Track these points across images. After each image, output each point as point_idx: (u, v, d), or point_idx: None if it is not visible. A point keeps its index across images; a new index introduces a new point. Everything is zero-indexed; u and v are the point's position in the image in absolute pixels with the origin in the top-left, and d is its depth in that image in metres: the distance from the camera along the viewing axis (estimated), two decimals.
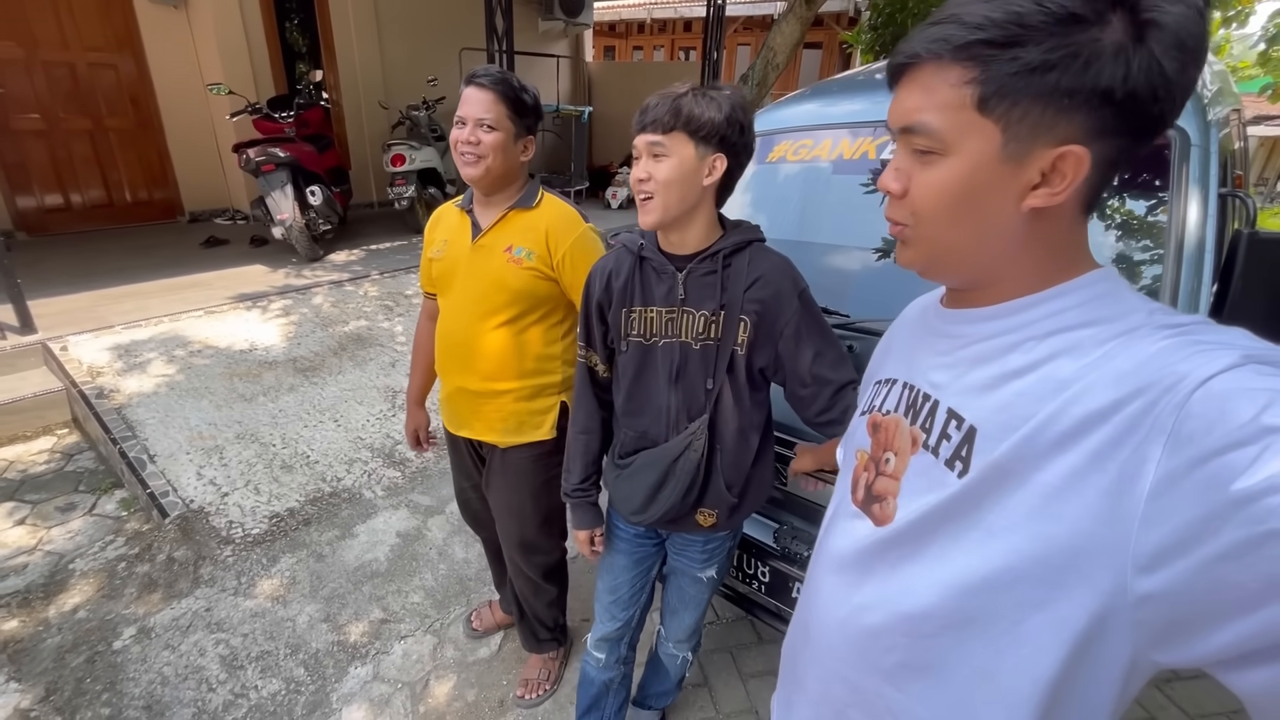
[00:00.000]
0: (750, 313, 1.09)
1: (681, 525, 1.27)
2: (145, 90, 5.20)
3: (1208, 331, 0.46)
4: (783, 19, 4.29)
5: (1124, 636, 0.46)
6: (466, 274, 1.44)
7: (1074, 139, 0.48)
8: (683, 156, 1.02)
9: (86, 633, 1.92)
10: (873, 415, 0.69)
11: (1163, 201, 1.30)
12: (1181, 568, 0.40)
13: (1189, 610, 0.41)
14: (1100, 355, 0.48)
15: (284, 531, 2.35)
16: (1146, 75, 0.45)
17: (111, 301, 3.62)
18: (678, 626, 1.46)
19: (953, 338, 0.61)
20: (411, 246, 5.29)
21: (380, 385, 3.27)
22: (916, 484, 0.59)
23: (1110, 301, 0.52)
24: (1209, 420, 0.40)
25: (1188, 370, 0.42)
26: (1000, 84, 0.47)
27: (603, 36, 12.68)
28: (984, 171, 0.50)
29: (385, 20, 6.39)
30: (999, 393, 0.53)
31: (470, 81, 1.33)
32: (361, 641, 1.96)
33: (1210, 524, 0.38)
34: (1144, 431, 0.43)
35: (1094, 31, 0.45)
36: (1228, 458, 0.38)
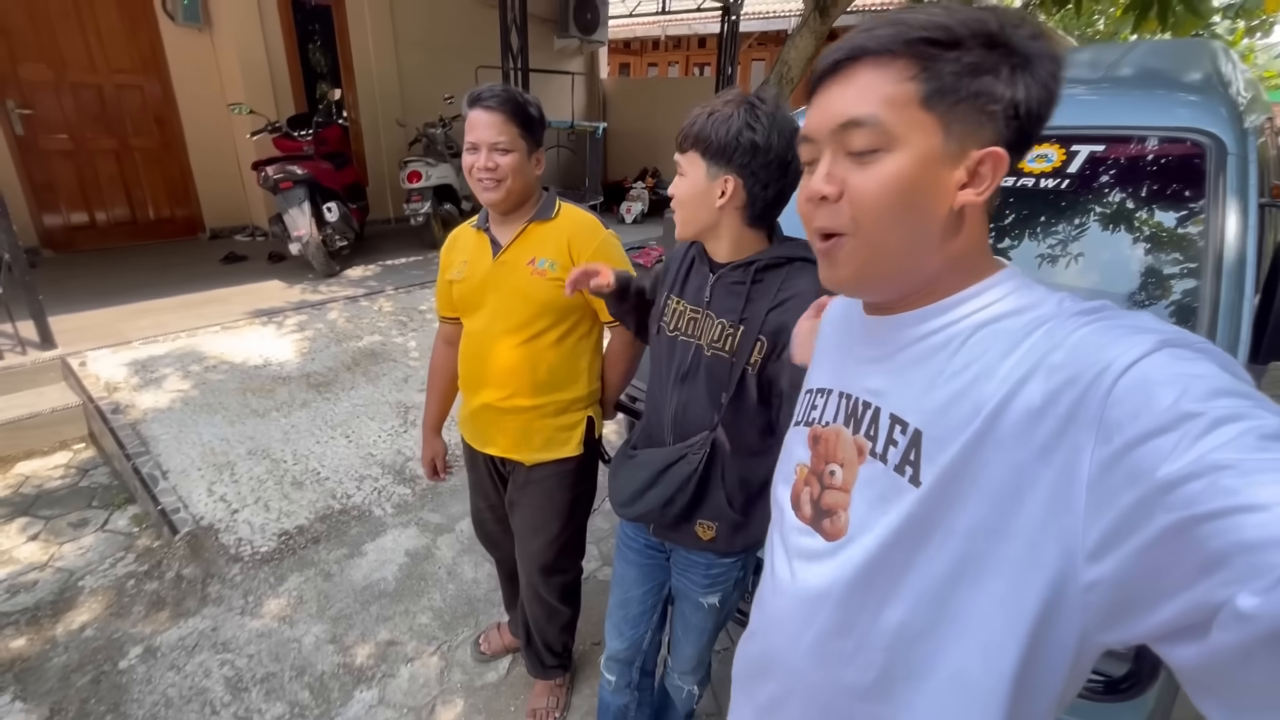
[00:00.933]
0: (768, 333, 1.05)
1: (680, 536, 1.23)
2: (169, 110, 5.31)
3: (1119, 316, 0.49)
4: (797, 33, 4.28)
5: (1073, 621, 0.47)
6: (490, 291, 1.42)
7: (996, 143, 0.52)
8: (694, 177, 1.00)
9: (93, 652, 1.90)
10: (813, 428, 0.68)
11: (1198, 213, 1.24)
12: (1122, 554, 0.41)
13: (1129, 593, 0.42)
14: (1027, 347, 0.50)
15: (292, 549, 2.33)
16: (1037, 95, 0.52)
17: (131, 317, 3.67)
18: (681, 656, 1.40)
19: (884, 343, 0.62)
20: (426, 262, 5.32)
21: (392, 401, 3.26)
22: (867, 493, 0.59)
23: (1024, 293, 0.55)
24: (1133, 407, 0.41)
25: (1110, 358, 0.44)
26: (942, 81, 0.51)
27: (617, 53, 12.80)
28: (927, 167, 0.52)
29: (403, 40, 6.50)
30: (938, 393, 0.55)
31: (476, 104, 1.30)
32: (368, 664, 1.92)
33: (1141, 510, 0.40)
34: (1078, 422, 0.45)
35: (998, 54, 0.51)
36: (1151, 444, 0.39)
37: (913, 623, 0.55)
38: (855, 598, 0.59)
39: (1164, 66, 1.51)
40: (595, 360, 1.50)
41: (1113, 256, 1.36)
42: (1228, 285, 1.14)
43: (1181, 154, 1.28)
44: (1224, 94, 1.32)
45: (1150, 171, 1.33)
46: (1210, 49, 1.64)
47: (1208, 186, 1.21)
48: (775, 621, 0.69)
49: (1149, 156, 1.34)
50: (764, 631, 0.72)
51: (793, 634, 0.65)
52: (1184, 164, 1.27)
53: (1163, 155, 1.32)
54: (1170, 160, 1.31)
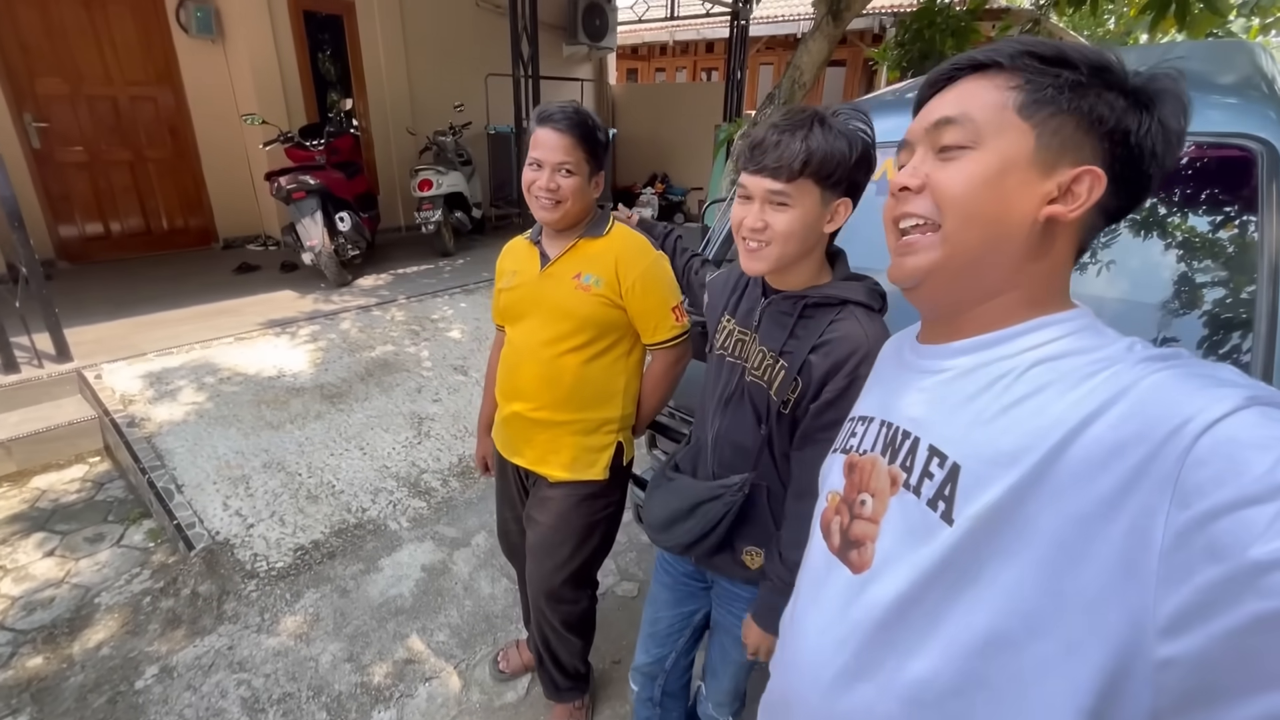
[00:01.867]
0: (805, 373, 0.98)
1: (722, 564, 1.18)
2: (183, 121, 5.34)
3: (1197, 365, 0.45)
4: (809, 37, 4.23)
5: (1142, 701, 0.42)
6: (534, 302, 1.42)
7: (1094, 163, 0.51)
8: (806, 207, 0.91)
9: (109, 671, 1.88)
10: (849, 456, 0.65)
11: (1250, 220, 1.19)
12: (1204, 634, 0.37)
13: (1212, 678, 0.37)
14: (1090, 388, 0.46)
15: (308, 565, 2.30)
16: (1153, 131, 0.51)
17: (145, 329, 3.67)
18: (717, 689, 1.36)
19: (931, 373, 0.60)
20: (438, 271, 5.32)
21: (406, 411, 3.24)
22: (897, 527, 0.56)
23: (1091, 335, 0.52)
24: (1218, 471, 0.37)
25: (1191, 412, 0.40)
26: (1042, 93, 0.51)
27: (625, 59, 12.82)
28: (1014, 169, 0.52)
29: (413, 49, 6.52)
30: (984, 428, 0.52)
31: (545, 123, 1.29)
32: (385, 683, 1.88)
33: (1229, 591, 0.35)
34: (1149, 481, 0.40)
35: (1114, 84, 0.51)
36: (1240, 516, 0.35)
37: (940, 679, 0.51)
38: (880, 639, 0.55)
39: (1205, 69, 1.46)
40: (633, 383, 1.47)
41: (1161, 267, 1.31)
42: None
43: (1231, 159, 1.23)
44: (1271, 96, 1.27)
45: (1199, 179, 1.29)
46: (1250, 50, 1.59)
47: (1260, 192, 1.16)
48: (796, 657, 0.65)
49: (1197, 163, 1.29)
50: (786, 667, 0.68)
51: (813, 673, 0.62)
52: (1234, 170, 1.22)
53: (1211, 161, 1.27)
54: (1219, 166, 1.26)
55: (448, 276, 5.14)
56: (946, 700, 0.51)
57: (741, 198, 0.96)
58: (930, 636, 0.52)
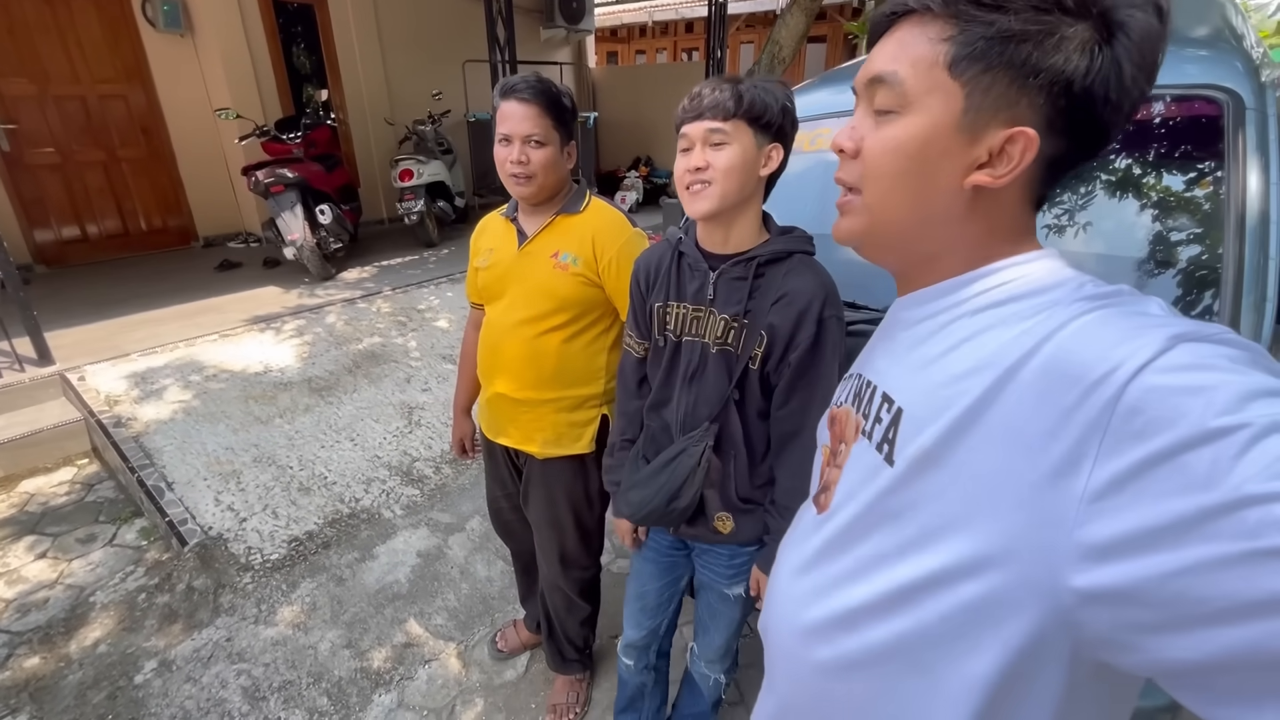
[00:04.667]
0: (768, 327, 1.03)
1: (699, 532, 1.22)
2: (156, 119, 5.25)
3: (1128, 302, 0.45)
4: (787, 12, 4.21)
5: (1064, 637, 0.43)
6: (512, 281, 1.41)
7: (1028, 122, 0.47)
8: (744, 144, 0.98)
9: (108, 668, 1.88)
10: (832, 409, 0.69)
11: (1216, 172, 1.20)
12: (1133, 569, 0.37)
13: (1142, 615, 0.38)
14: (1023, 331, 0.46)
15: (303, 555, 2.31)
16: (1104, 74, 0.45)
17: (128, 330, 3.63)
18: (708, 645, 1.40)
19: (895, 323, 0.61)
20: (422, 261, 5.28)
21: (396, 402, 3.24)
22: (851, 469, 0.59)
23: (1043, 276, 0.50)
24: (1153, 418, 0.37)
25: (1119, 358, 0.39)
26: (974, 46, 0.47)
27: (604, 42, 12.67)
28: (938, 136, 0.50)
29: (388, 38, 6.42)
30: (927, 373, 0.52)
31: (509, 95, 1.27)
32: (385, 667, 1.90)
33: (1170, 532, 0.35)
34: (1077, 426, 0.40)
35: (1072, 19, 0.45)
36: (1178, 462, 0.35)
37: (875, 608, 0.53)
38: (827, 570, 0.59)
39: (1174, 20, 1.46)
40: (614, 358, 1.47)
41: (1128, 222, 1.32)
42: (1251, 246, 1.10)
43: (1197, 112, 1.24)
44: (1238, 48, 1.28)
45: (1164, 131, 1.30)
46: (1219, 3, 1.59)
47: (1226, 144, 1.17)
48: (771, 587, 0.70)
49: (1162, 115, 1.30)
50: (766, 598, 0.73)
51: (780, 601, 0.66)
52: (1200, 122, 1.23)
53: (1177, 114, 1.28)
54: (1185, 119, 1.27)
55: (433, 266, 5.11)
56: (877, 626, 0.53)
57: (682, 150, 1.02)
58: (869, 569, 0.53)
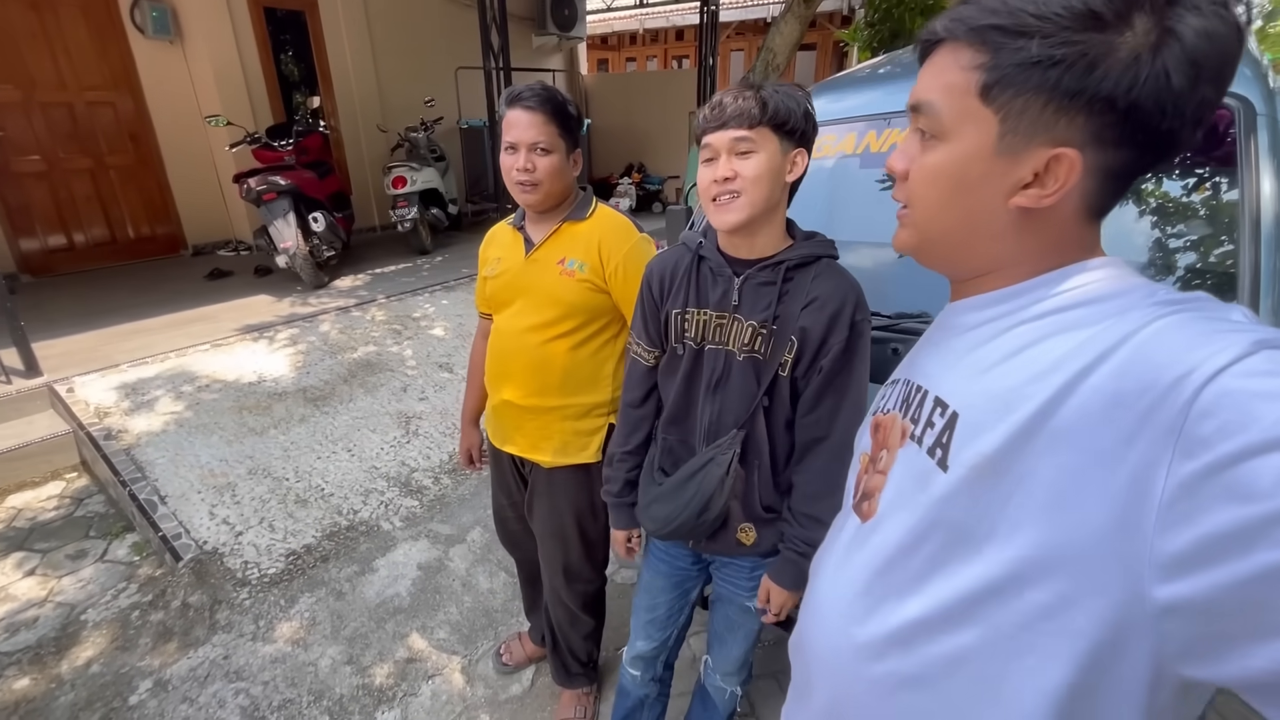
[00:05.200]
0: (799, 332, 1.02)
1: (720, 545, 1.19)
2: (144, 126, 5.18)
3: (1207, 308, 0.43)
4: (781, 19, 4.23)
5: (1144, 648, 0.42)
6: (520, 289, 1.40)
7: (1071, 142, 0.46)
8: (770, 152, 0.97)
9: (101, 688, 1.83)
10: (875, 416, 0.67)
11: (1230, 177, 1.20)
12: (1208, 580, 0.37)
13: (1218, 626, 0.37)
14: (1091, 335, 0.45)
15: (301, 570, 2.26)
16: (1154, 88, 0.43)
17: (117, 340, 3.56)
18: (725, 658, 1.38)
19: (949, 329, 0.60)
20: (416, 269, 5.24)
21: (393, 411, 3.20)
22: (900, 476, 0.57)
23: (1111, 283, 0.49)
24: (1224, 421, 0.36)
25: (1196, 361, 0.38)
26: (1004, 73, 0.46)
27: (595, 49, 12.71)
28: (977, 162, 0.50)
29: (380, 44, 6.39)
30: (986, 377, 0.51)
31: (515, 103, 1.27)
32: (387, 684, 1.86)
33: (1239, 540, 0.35)
34: (1152, 431, 0.39)
35: (1110, 34, 0.43)
36: (1250, 466, 0.34)
37: (933, 621, 0.51)
38: (879, 583, 0.57)
39: None
40: (621, 366, 1.45)
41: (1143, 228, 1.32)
42: (1268, 250, 1.11)
43: None
44: (1246, 55, 1.29)
45: None
46: None
47: (1239, 149, 1.18)
48: (812, 601, 0.68)
49: None
50: (805, 611, 0.71)
51: (823, 616, 0.64)
52: (1212, 127, 1.24)
53: None
54: None
55: (427, 274, 5.07)
56: (937, 641, 0.51)
57: (706, 160, 1.00)
58: (926, 580, 0.52)
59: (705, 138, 0.99)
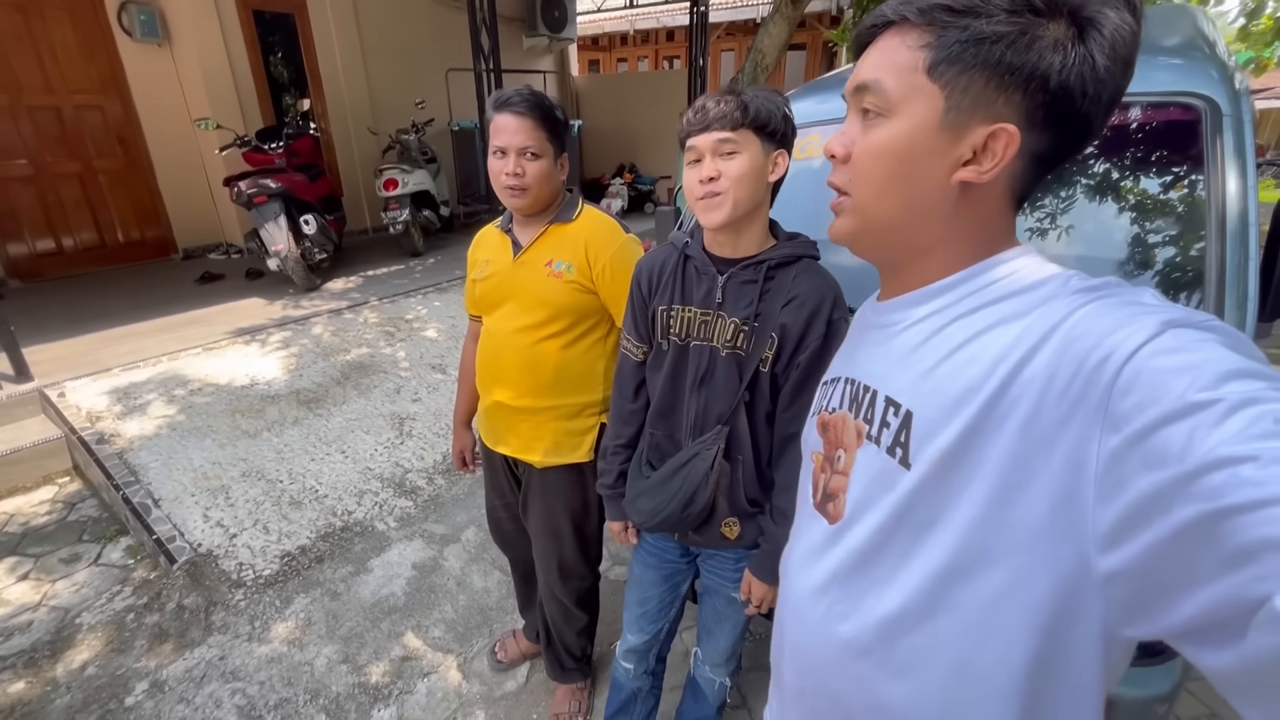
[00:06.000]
0: (779, 329, 1.05)
1: (706, 538, 1.23)
2: (133, 129, 5.17)
3: (1121, 293, 0.47)
4: (769, 20, 4.27)
5: (1094, 615, 0.46)
6: (508, 291, 1.42)
7: (1008, 119, 0.49)
8: (752, 153, 1.00)
9: (97, 690, 1.84)
10: (820, 415, 0.69)
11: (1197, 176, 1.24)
12: (1138, 545, 0.40)
13: (1150, 586, 0.41)
14: (1025, 327, 0.48)
15: (296, 570, 2.27)
16: (1079, 69, 0.47)
17: (108, 344, 3.56)
18: (713, 649, 1.40)
19: (885, 327, 0.61)
20: (409, 271, 5.25)
21: (386, 413, 3.21)
22: (863, 476, 0.59)
23: (1031, 273, 0.52)
24: (1140, 397, 0.40)
25: (1114, 344, 0.42)
26: (950, 50, 0.49)
27: (586, 50, 12.72)
28: (922, 136, 0.52)
29: (370, 46, 6.39)
30: (932, 375, 0.53)
31: (504, 108, 1.28)
32: (383, 682, 1.88)
33: (1157, 503, 0.38)
34: (1082, 411, 0.43)
35: (1044, 19, 0.47)
36: (1162, 434, 0.38)
37: (908, 612, 0.54)
38: (855, 581, 0.59)
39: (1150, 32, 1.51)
40: (611, 365, 1.47)
41: (1113, 226, 1.36)
42: (1233, 246, 1.14)
43: (1176, 119, 1.28)
44: (1213, 56, 1.33)
45: (1145, 138, 1.34)
46: (1191, 13, 1.65)
47: (1205, 149, 1.22)
48: (786, 604, 0.70)
49: (1143, 123, 1.34)
50: (780, 614, 0.72)
51: (801, 618, 0.66)
52: (1179, 128, 1.28)
53: (1157, 121, 1.33)
54: (1165, 125, 1.31)
55: (419, 276, 5.08)
56: (915, 630, 0.54)
57: (691, 162, 1.04)
58: (899, 573, 0.55)
59: (690, 140, 1.02)
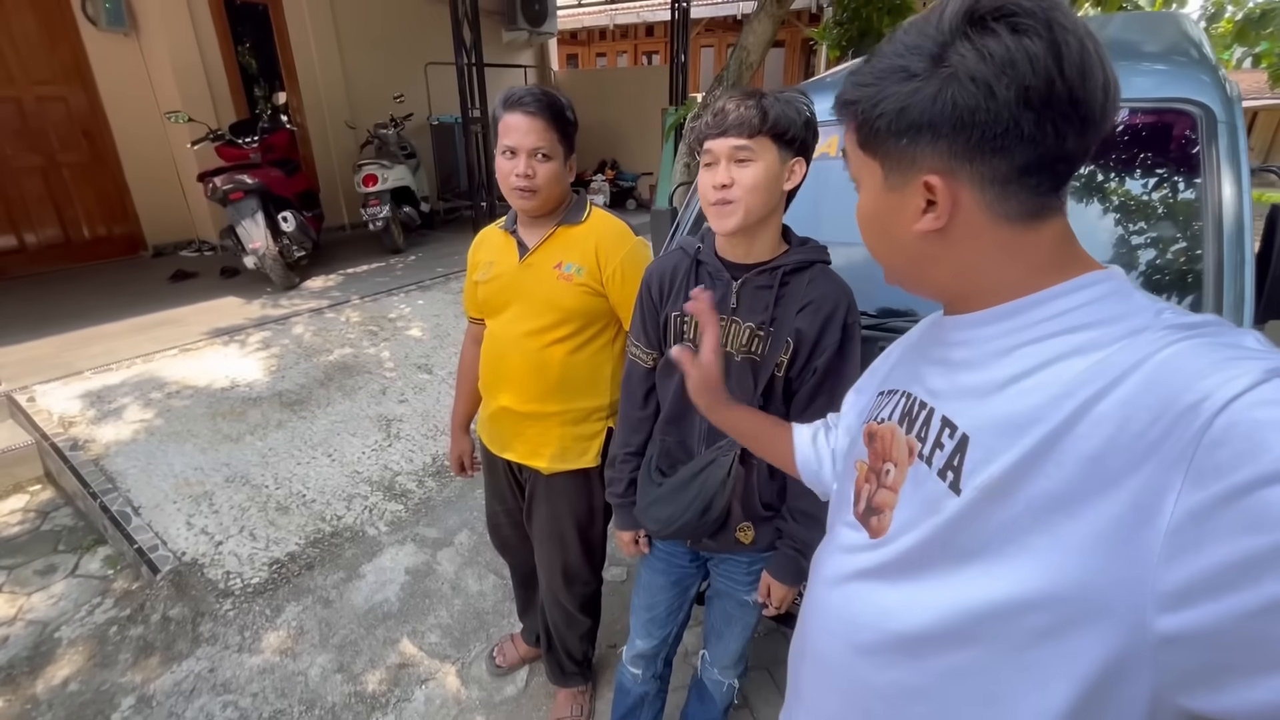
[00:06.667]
0: (794, 334, 1.05)
1: (720, 543, 1.23)
2: (98, 122, 4.98)
3: (1221, 334, 0.43)
4: (754, 17, 4.26)
5: (1144, 676, 0.42)
6: (515, 294, 1.39)
7: (935, 169, 0.51)
8: (768, 162, 0.99)
9: (80, 707, 1.78)
10: (869, 425, 0.68)
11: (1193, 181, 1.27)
12: (1212, 611, 0.37)
13: (1221, 657, 0.37)
14: (1102, 360, 0.45)
15: (286, 578, 2.22)
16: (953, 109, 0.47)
17: (78, 346, 3.43)
18: (722, 651, 1.41)
19: (951, 344, 0.60)
20: (390, 269, 5.15)
21: (372, 414, 3.15)
22: (911, 496, 0.57)
23: (1116, 301, 0.49)
24: (1236, 451, 0.36)
25: (1208, 389, 0.38)
26: (863, 132, 0.55)
27: (565, 45, 12.61)
28: (878, 201, 0.57)
29: (346, 38, 6.24)
30: (993, 400, 0.51)
31: (515, 107, 1.25)
32: (380, 690, 1.85)
33: (1247, 571, 0.35)
34: (1162, 458, 0.39)
35: (918, 80, 0.49)
36: (1260, 495, 0.34)
37: (936, 634, 0.53)
38: (886, 594, 0.58)
39: (1140, 39, 1.55)
40: (618, 369, 1.46)
41: (1110, 230, 1.39)
42: (1230, 251, 1.17)
43: (1172, 124, 1.31)
44: (1206, 63, 1.36)
45: (1142, 143, 1.37)
46: (1177, 19, 1.69)
47: (1201, 155, 1.25)
48: (814, 610, 0.69)
49: (1139, 129, 1.37)
50: (805, 620, 0.72)
51: (830, 625, 0.65)
52: (1175, 134, 1.31)
53: (1153, 126, 1.35)
54: (1161, 131, 1.34)
55: (401, 274, 5.00)
56: (944, 654, 0.53)
57: (707, 165, 1.03)
58: (935, 595, 0.53)
59: (707, 143, 1.01)
